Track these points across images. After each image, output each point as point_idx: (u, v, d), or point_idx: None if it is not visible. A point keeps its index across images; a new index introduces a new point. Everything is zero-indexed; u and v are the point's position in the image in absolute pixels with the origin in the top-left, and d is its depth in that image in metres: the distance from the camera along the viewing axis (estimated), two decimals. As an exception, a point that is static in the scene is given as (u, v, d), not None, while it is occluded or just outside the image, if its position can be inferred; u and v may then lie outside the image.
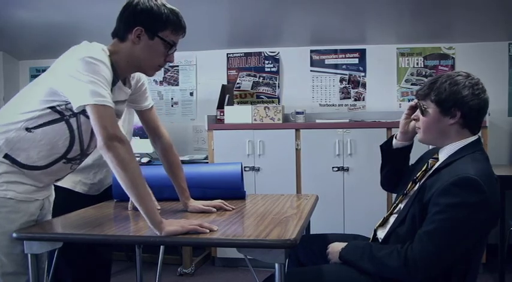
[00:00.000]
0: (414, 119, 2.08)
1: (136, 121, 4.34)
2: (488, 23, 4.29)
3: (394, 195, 3.86)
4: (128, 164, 1.80)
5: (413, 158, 2.32)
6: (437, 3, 4.07)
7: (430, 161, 2.06)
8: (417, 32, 4.47)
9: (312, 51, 4.74)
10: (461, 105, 1.89)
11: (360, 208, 3.99)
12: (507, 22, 4.29)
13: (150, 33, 1.96)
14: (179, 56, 4.83)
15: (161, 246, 3.57)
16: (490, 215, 1.80)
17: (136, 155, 4.38)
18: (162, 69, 4.86)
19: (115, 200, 2.49)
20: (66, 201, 2.35)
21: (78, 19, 4.29)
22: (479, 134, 2.01)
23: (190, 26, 3.71)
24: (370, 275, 1.89)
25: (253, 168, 4.17)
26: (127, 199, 2.39)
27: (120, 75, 2.02)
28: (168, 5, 2.03)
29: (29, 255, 1.84)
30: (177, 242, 1.85)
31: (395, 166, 2.30)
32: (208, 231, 1.79)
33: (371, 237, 2.15)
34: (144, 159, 4.28)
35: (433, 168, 1.99)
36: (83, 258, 2.63)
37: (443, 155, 1.98)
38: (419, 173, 2.06)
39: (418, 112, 2.03)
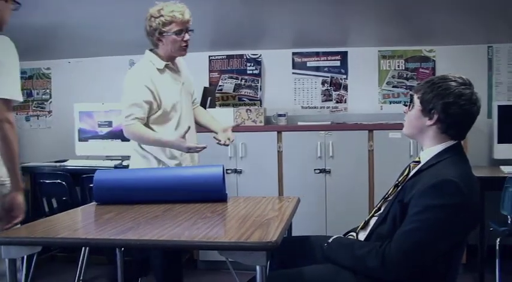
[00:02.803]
0: (404, 112, 2.10)
1: (118, 123, 4.33)
2: (468, 26, 4.33)
3: (375, 197, 3.90)
4: None
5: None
6: (418, 6, 4.11)
7: (411, 165, 2.08)
8: (398, 35, 4.50)
9: (294, 53, 4.74)
10: (441, 110, 1.91)
11: (342, 210, 4.00)
12: (486, 25, 4.34)
13: None
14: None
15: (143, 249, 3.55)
16: (469, 217, 1.82)
17: (118, 157, 4.36)
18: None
19: (96, 203, 2.47)
20: None
21: (59, 21, 4.26)
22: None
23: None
24: (352, 276, 1.90)
25: (235, 171, 4.16)
26: (108, 202, 2.39)
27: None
28: None
29: (7, 260, 1.81)
30: (158, 244, 1.84)
31: None
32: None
33: (353, 240, 2.16)
34: (126, 162, 4.23)
35: (415, 170, 2.01)
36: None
37: (424, 157, 2.00)
38: (401, 178, 2.08)
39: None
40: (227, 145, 3.00)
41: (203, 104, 4.42)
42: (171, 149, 2.86)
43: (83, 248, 3.68)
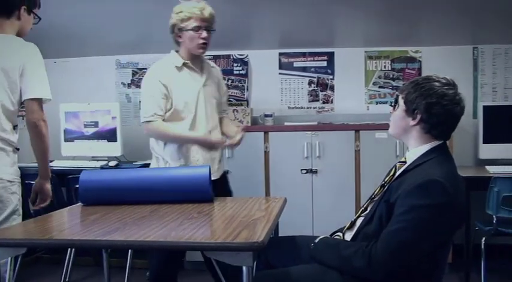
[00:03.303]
0: (390, 112, 2.11)
1: (104, 124, 4.32)
2: (453, 28, 4.36)
3: (362, 197, 3.92)
4: None
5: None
6: (404, 7, 4.13)
7: (397, 165, 2.09)
8: (385, 36, 4.52)
9: (280, 54, 4.75)
10: (424, 110, 1.92)
11: (329, 210, 4.01)
12: (471, 27, 4.37)
13: None
14: (147, 59, 4.80)
15: (129, 250, 3.54)
16: (455, 216, 1.84)
17: (104, 158, 4.33)
18: (131, 71, 4.85)
19: (82, 204, 2.45)
20: None
21: (45, 21, 4.23)
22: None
23: (159, 29, 3.70)
24: (338, 276, 1.91)
25: (227, 171, 4.15)
26: (94, 203, 2.37)
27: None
28: None
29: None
30: (145, 245, 1.83)
31: None
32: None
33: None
34: (112, 163, 4.22)
35: (400, 171, 2.02)
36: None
37: (410, 158, 2.01)
38: (387, 178, 2.09)
39: None
40: (234, 146, 2.97)
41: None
42: (187, 151, 2.86)
43: (69, 250, 3.66)
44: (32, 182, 2.73)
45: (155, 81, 2.83)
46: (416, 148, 2.00)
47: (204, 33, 2.84)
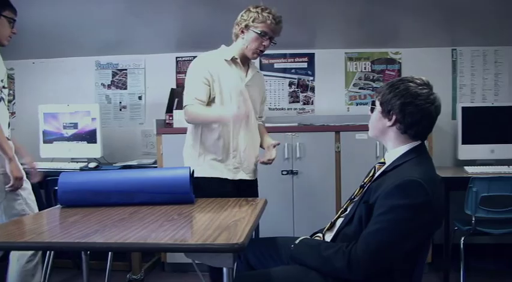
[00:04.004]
0: (370, 114, 2.12)
1: (84, 125, 4.28)
2: (433, 29, 4.40)
3: (343, 198, 3.93)
4: None
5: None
6: (384, 9, 4.16)
7: (376, 166, 2.10)
8: (365, 37, 4.55)
9: (261, 55, 4.74)
10: (398, 110, 1.94)
11: (309, 211, 4.01)
12: (450, 29, 4.42)
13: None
14: (127, 60, 4.78)
15: (109, 253, 3.51)
16: (433, 216, 1.85)
17: (84, 160, 4.30)
18: (110, 72, 4.82)
19: (61, 206, 2.43)
20: None
21: (23, 20, 4.19)
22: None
23: (138, 29, 3.68)
24: (319, 277, 1.91)
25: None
26: (73, 205, 2.35)
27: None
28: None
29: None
30: (124, 247, 1.82)
31: None
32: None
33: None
34: (92, 164, 4.19)
35: (380, 171, 2.03)
36: None
37: (389, 159, 2.03)
38: (366, 179, 2.10)
39: None
40: (268, 163, 2.98)
41: (170, 106, 4.40)
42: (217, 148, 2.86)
43: (48, 252, 3.62)
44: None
45: (201, 67, 2.82)
46: (394, 149, 2.02)
47: (267, 42, 2.83)
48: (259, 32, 2.79)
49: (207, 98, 2.81)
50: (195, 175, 2.66)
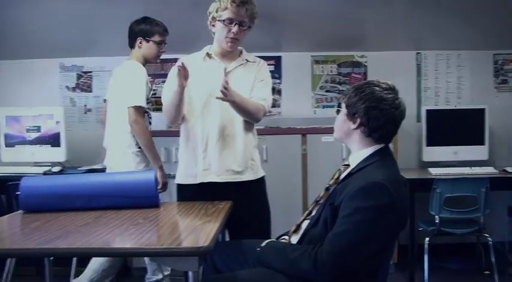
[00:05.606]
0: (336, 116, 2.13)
1: (47, 128, 4.21)
2: (398, 33, 4.47)
3: (309, 200, 3.95)
4: None
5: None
6: (350, 13, 4.20)
7: (341, 168, 2.12)
8: (331, 40, 4.58)
9: (228, 58, 4.73)
10: (363, 114, 1.96)
11: (276, 214, 3.98)
12: (415, 33, 4.49)
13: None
14: (92, 62, 4.71)
15: (73, 258, 3.45)
16: (397, 217, 1.87)
17: (48, 164, 4.22)
18: (75, 74, 4.75)
19: (23, 212, 2.38)
20: None
21: None
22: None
23: (104, 31, 3.62)
24: (285, 279, 1.91)
25: (169, 176, 4.10)
26: (35, 210, 2.30)
27: None
28: None
29: None
30: (88, 252, 1.79)
31: None
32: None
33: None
34: (56, 168, 4.12)
35: (345, 174, 2.04)
36: None
37: (354, 161, 2.05)
38: (332, 181, 2.11)
39: None
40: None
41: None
42: None
43: (9, 259, 3.54)
44: None
45: (172, 70, 2.62)
46: (359, 151, 2.04)
47: (235, 28, 2.62)
48: (223, 20, 2.64)
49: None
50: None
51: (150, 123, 3.50)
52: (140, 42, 3.43)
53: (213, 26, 2.71)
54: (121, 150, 3.33)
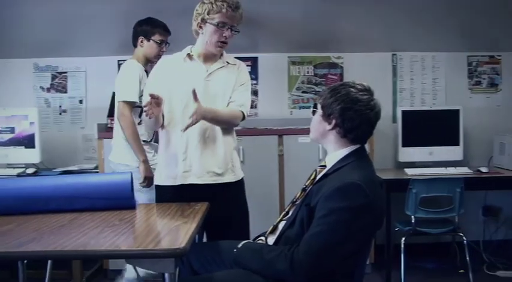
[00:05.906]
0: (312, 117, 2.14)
1: (21, 130, 4.15)
2: (373, 35, 4.51)
3: (286, 201, 3.95)
4: None
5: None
6: (326, 14, 4.22)
7: (318, 169, 2.13)
8: (307, 42, 4.59)
9: (205, 58, 4.72)
10: (338, 115, 1.97)
11: (253, 215, 3.98)
12: (391, 35, 4.53)
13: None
14: (67, 63, 4.66)
15: (48, 261, 3.41)
16: (373, 218, 1.89)
17: (21, 165, 4.16)
18: (50, 75, 4.69)
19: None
20: None
21: None
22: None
23: (79, 32, 3.58)
24: (262, 280, 1.91)
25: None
26: (8, 213, 2.27)
27: None
28: None
29: None
30: (63, 255, 1.77)
31: None
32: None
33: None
34: (30, 170, 4.06)
35: (321, 175, 2.05)
36: None
37: (330, 162, 2.06)
38: (308, 181, 2.12)
39: None
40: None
41: (111, 110, 4.32)
42: None
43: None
44: None
45: (153, 71, 2.82)
46: (334, 152, 2.05)
47: (228, 33, 2.65)
48: (216, 24, 2.62)
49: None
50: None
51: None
52: (141, 41, 3.50)
53: (201, 27, 2.68)
54: (122, 145, 3.37)
